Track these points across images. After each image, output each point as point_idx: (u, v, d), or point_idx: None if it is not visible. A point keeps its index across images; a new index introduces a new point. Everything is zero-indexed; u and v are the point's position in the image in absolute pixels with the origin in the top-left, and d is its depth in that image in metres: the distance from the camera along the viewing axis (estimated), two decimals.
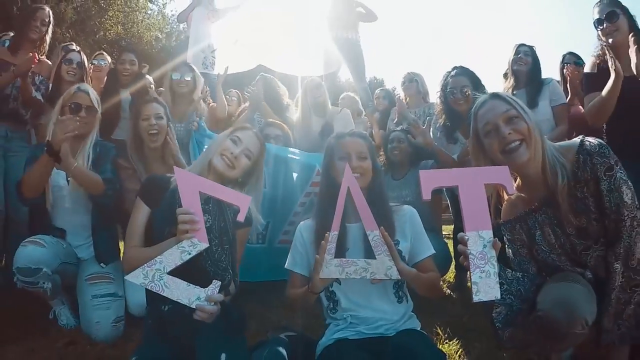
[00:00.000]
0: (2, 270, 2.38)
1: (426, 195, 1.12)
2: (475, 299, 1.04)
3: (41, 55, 2.63)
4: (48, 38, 2.68)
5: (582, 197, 1.23)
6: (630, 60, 1.92)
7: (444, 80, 2.36)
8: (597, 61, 2.06)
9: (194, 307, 1.16)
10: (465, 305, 2.10)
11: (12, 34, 2.94)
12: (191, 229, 1.20)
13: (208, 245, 1.23)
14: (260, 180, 1.58)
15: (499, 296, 1.06)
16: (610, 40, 1.98)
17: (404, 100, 3.28)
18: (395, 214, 1.43)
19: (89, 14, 9.07)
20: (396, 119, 2.99)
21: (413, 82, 3.23)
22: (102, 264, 1.78)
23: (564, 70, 2.66)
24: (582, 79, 2.28)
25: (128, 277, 1.19)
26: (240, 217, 1.25)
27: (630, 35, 1.93)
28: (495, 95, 1.36)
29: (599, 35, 2.06)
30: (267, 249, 2.11)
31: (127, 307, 1.78)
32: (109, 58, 3.42)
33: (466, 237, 1.07)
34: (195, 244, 1.21)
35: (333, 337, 1.29)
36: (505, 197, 1.37)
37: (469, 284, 1.50)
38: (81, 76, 2.63)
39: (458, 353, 1.59)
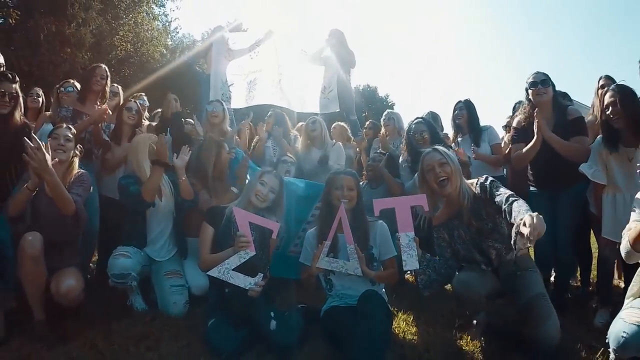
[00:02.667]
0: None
1: (376, 213, 2.02)
2: (405, 268, 1.93)
3: (103, 103, 3.27)
4: (107, 89, 3.31)
5: (479, 212, 2.06)
6: (549, 118, 2.66)
7: (408, 126, 3.20)
8: (523, 121, 2.78)
9: (248, 289, 2.00)
10: None
11: (72, 81, 3.71)
12: (246, 245, 2.04)
13: (255, 253, 2.07)
14: (282, 206, 2.44)
15: (417, 267, 1.94)
16: (537, 99, 2.69)
17: (384, 134, 4.11)
18: (371, 228, 2.27)
19: (103, 35, 9.76)
20: (380, 148, 3.85)
21: (391, 119, 4.06)
22: (182, 259, 2.68)
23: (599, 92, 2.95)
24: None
25: (209, 273, 2.04)
26: (274, 236, 2.10)
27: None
28: (435, 149, 2.19)
29: (529, 95, 2.75)
30: (281, 255, 2.83)
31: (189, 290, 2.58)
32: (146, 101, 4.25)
33: (399, 235, 1.94)
34: (248, 253, 2.07)
35: (330, 305, 2.15)
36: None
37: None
38: (139, 119, 3.35)
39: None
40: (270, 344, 1.91)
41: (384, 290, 2.27)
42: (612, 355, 1.73)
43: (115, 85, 3.85)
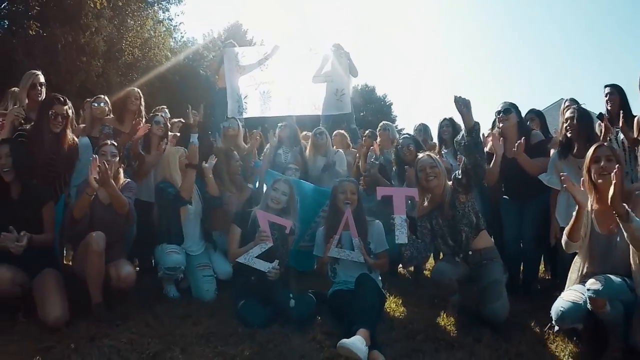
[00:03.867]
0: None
1: (378, 197, 2.65)
2: (396, 241, 2.51)
3: (139, 121, 3.62)
4: (142, 108, 3.80)
5: (454, 201, 2.61)
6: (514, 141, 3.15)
7: (397, 141, 3.72)
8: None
9: (267, 271, 2.55)
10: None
11: (103, 96, 4.13)
12: (265, 238, 2.58)
13: (273, 244, 2.61)
14: (295, 208, 2.98)
15: (406, 242, 2.53)
16: (501, 125, 3.21)
17: (379, 144, 4.61)
18: (370, 226, 2.82)
19: (113, 41, 10.20)
20: (374, 157, 4.36)
21: (386, 130, 4.58)
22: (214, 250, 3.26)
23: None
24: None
25: (237, 260, 2.61)
26: (287, 231, 2.67)
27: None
28: (428, 155, 2.76)
29: (495, 121, 3.31)
30: (293, 250, 3.34)
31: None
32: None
33: (394, 217, 2.52)
34: (267, 244, 2.62)
35: (334, 289, 2.71)
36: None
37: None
38: (166, 130, 3.76)
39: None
40: (290, 317, 2.45)
41: (380, 278, 2.81)
42: (556, 327, 2.27)
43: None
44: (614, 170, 1.98)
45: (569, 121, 2.92)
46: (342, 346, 1.92)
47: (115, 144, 3.08)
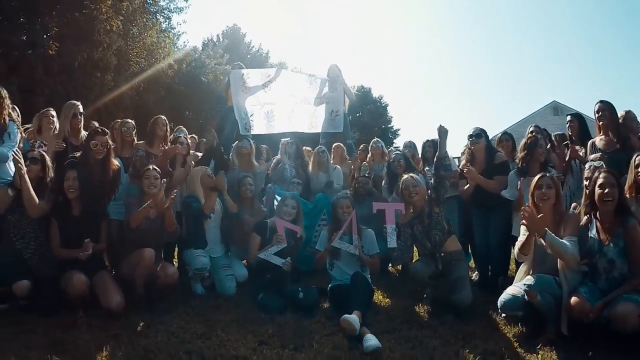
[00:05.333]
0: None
1: (374, 211, 3.43)
2: (388, 245, 3.29)
3: (166, 144, 4.25)
4: (169, 133, 4.41)
5: (431, 211, 3.31)
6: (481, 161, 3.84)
7: (388, 156, 4.41)
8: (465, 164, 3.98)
9: (282, 265, 3.26)
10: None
11: (130, 121, 4.75)
12: (282, 240, 3.31)
13: (286, 245, 3.33)
14: (301, 218, 3.68)
15: (395, 246, 3.30)
16: (472, 147, 3.90)
17: (372, 156, 5.30)
18: (363, 232, 3.51)
19: (121, 54, 10.76)
20: (369, 171, 5.07)
21: (378, 144, 5.27)
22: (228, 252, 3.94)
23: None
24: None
25: (259, 256, 3.34)
26: (298, 235, 3.41)
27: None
28: (411, 176, 3.46)
29: (468, 144, 3.99)
30: (301, 253, 3.98)
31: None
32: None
33: (386, 226, 3.28)
34: (282, 245, 3.35)
35: (333, 283, 3.41)
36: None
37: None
38: (188, 149, 4.39)
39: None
40: (299, 306, 3.17)
41: (369, 275, 3.49)
42: (502, 314, 2.96)
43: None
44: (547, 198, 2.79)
45: (524, 147, 3.61)
46: (344, 319, 2.67)
47: (157, 168, 3.65)
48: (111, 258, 3.83)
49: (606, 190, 2.60)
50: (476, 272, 4.21)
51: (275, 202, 4.10)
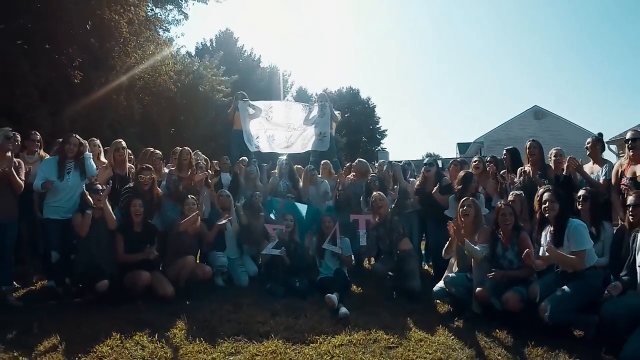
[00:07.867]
0: None
1: (351, 220, 4.84)
2: (360, 243, 4.70)
3: (193, 169, 5.50)
4: (193, 161, 5.61)
5: (391, 219, 4.69)
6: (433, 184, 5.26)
7: (368, 176, 5.73)
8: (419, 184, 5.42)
9: (280, 253, 4.68)
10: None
11: (158, 152, 5.99)
12: (274, 238, 4.71)
13: (278, 240, 4.75)
14: (296, 227, 5.03)
15: (365, 244, 4.69)
16: (427, 174, 5.33)
17: (357, 174, 6.59)
18: (342, 239, 4.83)
19: (128, 71, 11.79)
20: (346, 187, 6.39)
21: (362, 161, 6.56)
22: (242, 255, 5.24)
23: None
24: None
25: (262, 252, 4.79)
26: (284, 230, 4.82)
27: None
28: (379, 193, 4.85)
29: (423, 170, 5.40)
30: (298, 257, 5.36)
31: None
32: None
33: (359, 231, 4.65)
34: (275, 240, 4.76)
35: (321, 276, 4.79)
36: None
37: None
38: (206, 169, 5.76)
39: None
40: (297, 293, 4.50)
41: (346, 271, 4.83)
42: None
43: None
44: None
45: (461, 180, 4.93)
46: (327, 297, 4.02)
47: (194, 197, 4.96)
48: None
49: (507, 216, 3.91)
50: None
51: (272, 215, 5.46)
